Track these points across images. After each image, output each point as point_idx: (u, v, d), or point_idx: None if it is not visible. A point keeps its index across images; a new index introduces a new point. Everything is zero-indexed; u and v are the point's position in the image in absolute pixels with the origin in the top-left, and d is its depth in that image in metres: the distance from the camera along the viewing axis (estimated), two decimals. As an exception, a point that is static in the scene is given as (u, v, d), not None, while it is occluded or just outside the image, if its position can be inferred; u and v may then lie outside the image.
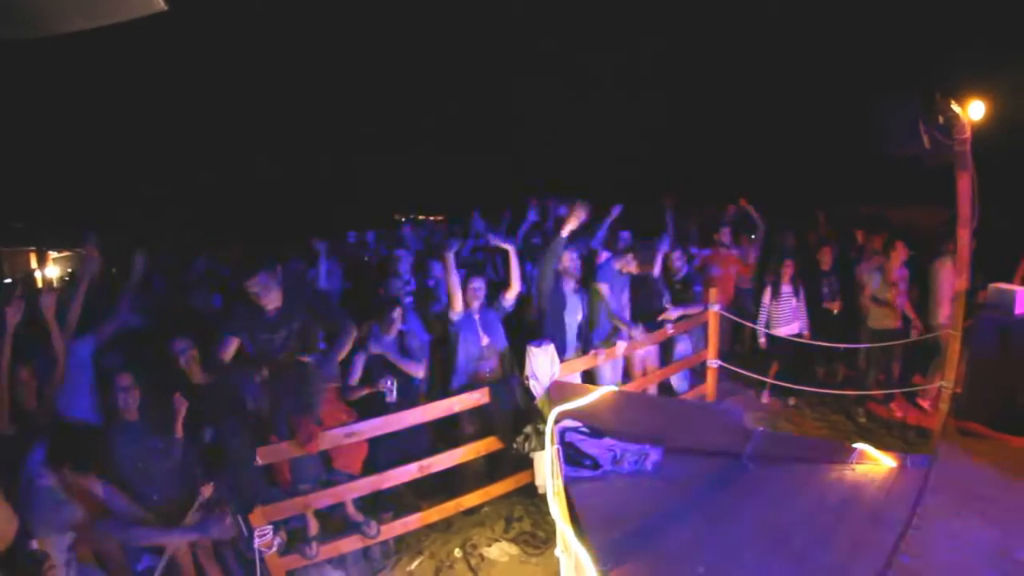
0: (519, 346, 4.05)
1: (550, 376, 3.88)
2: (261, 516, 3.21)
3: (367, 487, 3.70)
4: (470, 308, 4.13)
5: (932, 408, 5.18)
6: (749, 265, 6.46)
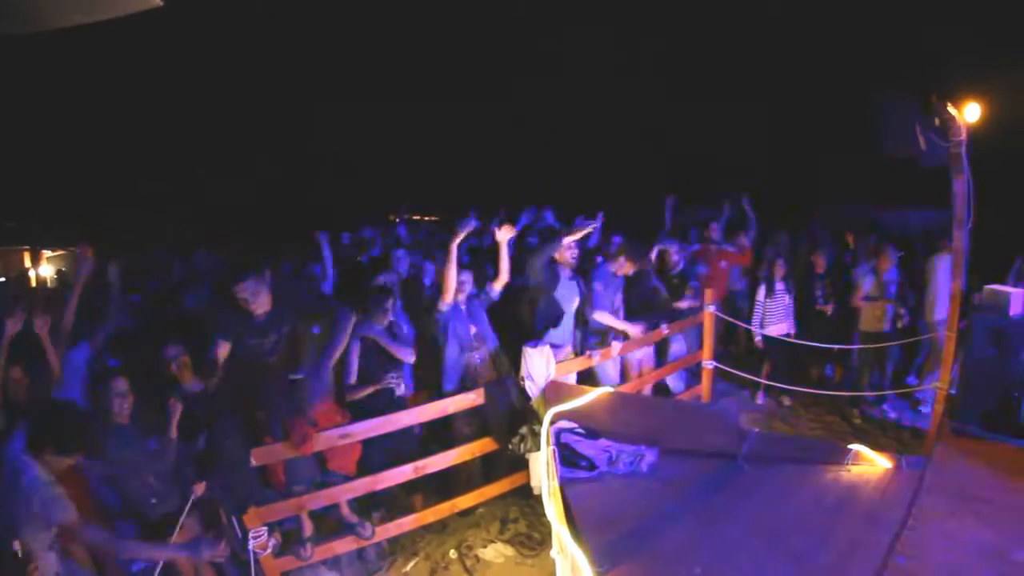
0: (515, 346, 4.05)
1: (545, 377, 3.88)
2: (255, 517, 3.20)
3: (362, 488, 3.69)
4: (457, 300, 4.13)
5: (927, 409, 5.20)
6: (746, 254, 6.38)
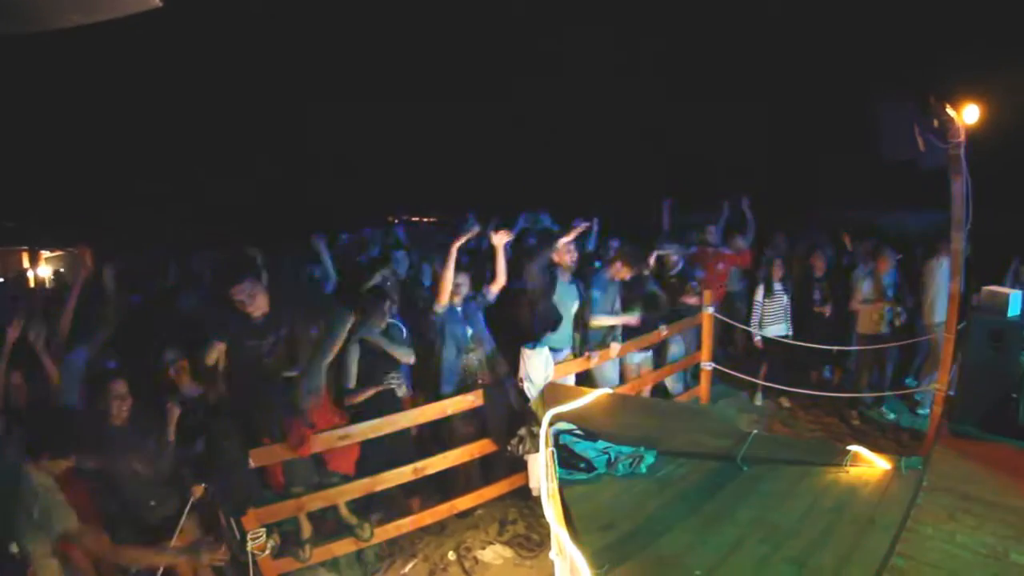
0: (514, 349, 4.05)
1: (544, 378, 3.88)
2: (254, 519, 3.20)
3: (360, 490, 3.69)
4: (453, 302, 4.12)
5: (926, 411, 5.20)
6: (743, 255, 6.34)
